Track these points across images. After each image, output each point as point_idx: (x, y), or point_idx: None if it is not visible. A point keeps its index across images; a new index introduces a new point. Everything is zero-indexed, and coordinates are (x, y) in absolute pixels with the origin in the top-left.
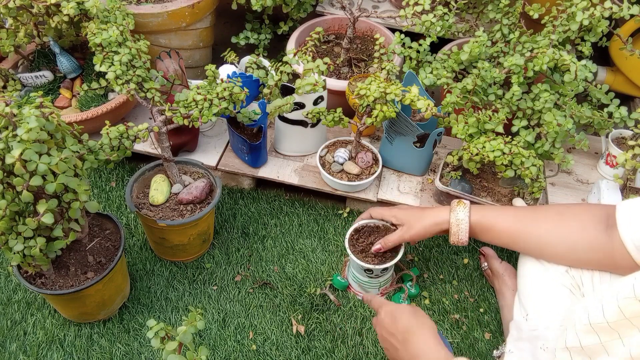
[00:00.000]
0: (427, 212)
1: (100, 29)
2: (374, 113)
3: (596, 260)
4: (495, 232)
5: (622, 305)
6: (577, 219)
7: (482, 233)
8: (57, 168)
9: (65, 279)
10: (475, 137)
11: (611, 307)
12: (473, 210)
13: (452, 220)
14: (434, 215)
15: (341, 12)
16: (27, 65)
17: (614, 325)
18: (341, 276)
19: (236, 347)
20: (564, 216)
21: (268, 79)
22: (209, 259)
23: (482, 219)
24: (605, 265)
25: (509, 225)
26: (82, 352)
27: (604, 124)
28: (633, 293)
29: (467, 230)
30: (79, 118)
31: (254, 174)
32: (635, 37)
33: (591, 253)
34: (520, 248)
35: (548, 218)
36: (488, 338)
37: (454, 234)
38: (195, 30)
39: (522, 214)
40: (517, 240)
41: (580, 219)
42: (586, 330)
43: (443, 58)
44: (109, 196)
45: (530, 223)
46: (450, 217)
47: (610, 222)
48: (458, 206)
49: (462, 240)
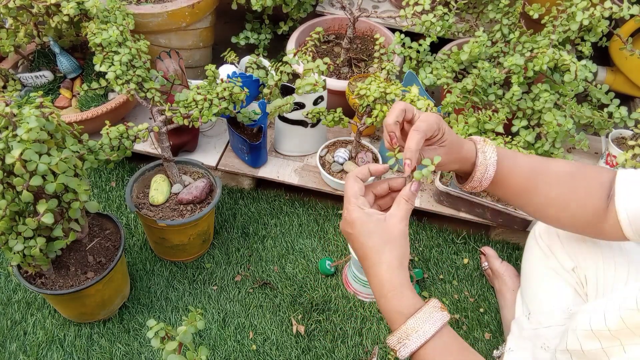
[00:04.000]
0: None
1: (100, 29)
2: (374, 113)
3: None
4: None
5: (624, 315)
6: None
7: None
8: (57, 168)
9: (65, 279)
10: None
11: (613, 316)
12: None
13: (480, 161)
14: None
15: (341, 12)
16: (27, 65)
17: (615, 333)
18: (331, 265)
19: (236, 347)
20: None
21: (268, 79)
22: (209, 259)
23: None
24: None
25: (521, 179)
26: (82, 352)
27: (604, 124)
28: (636, 306)
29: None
30: (79, 118)
31: (254, 174)
32: (635, 37)
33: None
34: (521, 204)
35: (560, 180)
36: (488, 338)
37: (477, 178)
38: (195, 30)
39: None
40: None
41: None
42: (587, 336)
43: (443, 58)
44: (109, 196)
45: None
46: (478, 156)
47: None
48: (486, 145)
49: (482, 186)
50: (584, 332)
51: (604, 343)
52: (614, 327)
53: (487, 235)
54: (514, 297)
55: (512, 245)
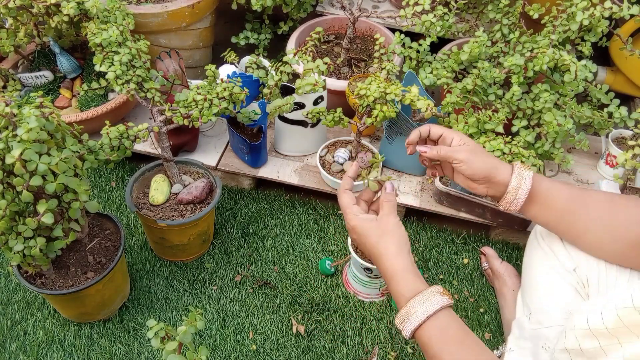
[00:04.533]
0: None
1: (100, 29)
2: (374, 113)
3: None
4: (545, 208)
5: (621, 314)
6: (627, 212)
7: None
8: (57, 168)
9: (65, 279)
10: (475, 137)
11: (610, 314)
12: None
13: (514, 180)
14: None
15: (341, 12)
16: (27, 65)
17: (613, 331)
18: (331, 265)
19: (236, 347)
20: (615, 205)
21: (268, 79)
22: (209, 259)
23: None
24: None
25: (561, 203)
26: (82, 352)
27: (604, 124)
28: (632, 304)
29: (525, 195)
30: (79, 118)
31: (254, 174)
32: (635, 37)
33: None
34: (561, 230)
35: (599, 205)
36: (488, 338)
37: (511, 195)
38: (195, 30)
39: (575, 194)
40: (561, 221)
41: (629, 212)
42: (585, 335)
43: (443, 58)
44: (109, 196)
45: (581, 207)
46: (512, 179)
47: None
48: (523, 167)
49: (515, 205)
50: (582, 331)
51: (602, 341)
52: (612, 325)
53: (487, 235)
54: (514, 297)
55: (512, 245)
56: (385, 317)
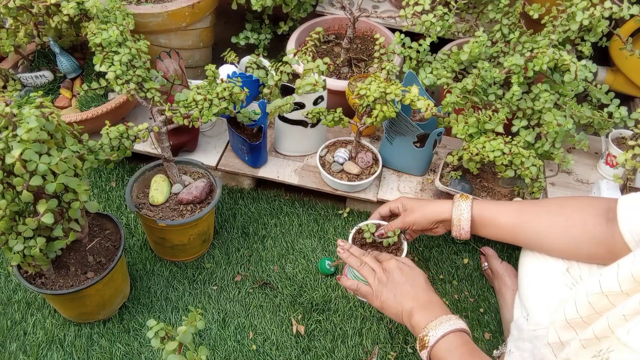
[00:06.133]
0: (431, 202)
1: (100, 29)
2: (374, 113)
3: (597, 254)
4: (496, 227)
5: (591, 300)
6: (579, 213)
7: (483, 227)
8: (57, 168)
9: (65, 279)
10: (475, 137)
11: (583, 302)
12: (475, 204)
13: (454, 213)
14: (437, 205)
15: (341, 12)
16: (27, 65)
17: (587, 319)
18: (331, 264)
19: (236, 347)
20: (566, 209)
21: (268, 79)
22: (209, 259)
23: (483, 213)
24: (607, 259)
25: (510, 219)
26: (82, 352)
27: (604, 124)
28: (600, 289)
29: (468, 224)
30: (79, 118)
31: (254, 174)
32: (635, 37)
33: (592, 247)
34: (522, 242)
35: (550, 211)
36: (488, 338)
37: (455, 226)
38: (195, 30)
39: (524, 207)
40: (518, 234)
41: (581, 212)
42: (563, 326)
43: (443, 58)
44: (109, 196)
45: (532, 217)
46: (452, 209)
47: (611, 215)
48: (460, 199)
49: (463, 234)
50: (560, 322)
51: (579, 331)
52: (585, 313)
53: None
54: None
55: (511, 245)
56: (385, 317)
